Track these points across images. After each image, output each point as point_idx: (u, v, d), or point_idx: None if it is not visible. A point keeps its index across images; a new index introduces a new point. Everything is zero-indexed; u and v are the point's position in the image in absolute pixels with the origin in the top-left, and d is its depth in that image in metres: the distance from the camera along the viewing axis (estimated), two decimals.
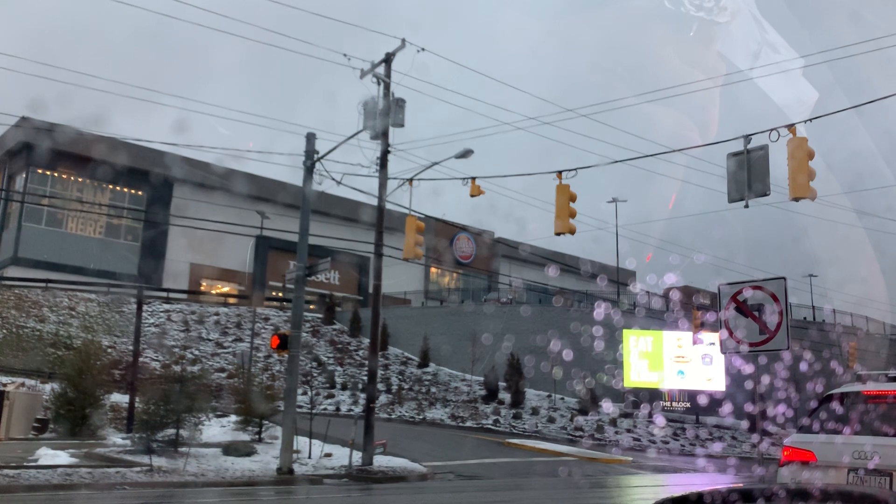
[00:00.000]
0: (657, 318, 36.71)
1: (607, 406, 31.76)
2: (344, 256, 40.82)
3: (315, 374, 34.88)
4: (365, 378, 30.82)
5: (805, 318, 45.42)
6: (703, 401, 29.85)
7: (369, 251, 22.12)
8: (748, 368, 12.19)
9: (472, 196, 17.80)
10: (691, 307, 35.00)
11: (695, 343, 31.78)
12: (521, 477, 19.58)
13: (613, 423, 31.65)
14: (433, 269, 56.61)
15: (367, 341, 37.21)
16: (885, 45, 13.92)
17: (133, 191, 44.92)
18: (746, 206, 12.77)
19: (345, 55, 19.48)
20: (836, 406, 7.37)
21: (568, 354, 30.99)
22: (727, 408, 29.11)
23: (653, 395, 32.68)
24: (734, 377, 29.22)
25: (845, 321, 46.00)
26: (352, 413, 27.86)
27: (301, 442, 19.03)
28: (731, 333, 10.95)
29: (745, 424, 31.56)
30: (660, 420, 31.01)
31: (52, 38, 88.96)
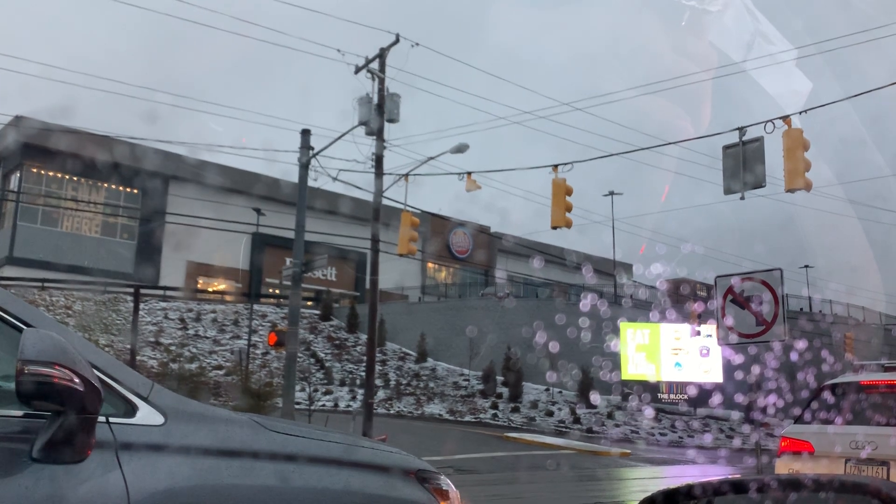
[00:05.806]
0: (654, 310, 36.78)
1: (604, 399, 31.83)
2: (341, 253, 40.77)
3: (313, 371, 34.91)
4: (363, 374, 30.85)
5: (801, 309, 45.56)
6: (700, 393, 29.96)
7: (366, 247, 22.12)
8: (738, 359, 12.23)
9: (467, 191, 17.85)
10: (688, 299, 35.13)
11: (693, 335, 31.87)
12: (520, 470, 19.63)
13: (611, 415, 31.76)
14: (430, 264, 56.57)
15: (364, 337, 37.23)
16: (878, 37, 13.94)
17: (128, 189, 44.82)
18: (742, 199, 12.82)
19: (339, 51, 19.49)
20: (832, 396, 7.41)
21: (565, 348, 30.98)
22: (722, 399, 29.23)
23: (650, 387, 32.76)
24: (730, 368, 29.36)
25: (842, 311, 46.17)
26: (350, 409, 27.89)
27: None
28: (727, 325, 10.96)
29: (735, 415, 31.73)
30: (649, 412, 31.12)
31: (43, 35, 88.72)
